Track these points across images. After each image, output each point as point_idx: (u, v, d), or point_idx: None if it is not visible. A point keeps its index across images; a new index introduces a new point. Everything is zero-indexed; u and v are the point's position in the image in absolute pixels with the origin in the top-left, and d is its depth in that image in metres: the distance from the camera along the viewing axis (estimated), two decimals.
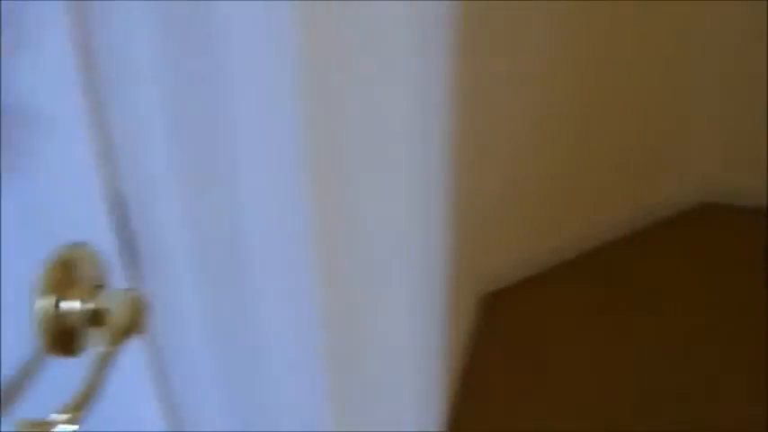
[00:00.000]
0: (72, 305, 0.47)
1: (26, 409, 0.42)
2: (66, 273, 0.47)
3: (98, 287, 0.48)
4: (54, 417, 0.40)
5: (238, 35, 0.48)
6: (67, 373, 0.44)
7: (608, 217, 2.48)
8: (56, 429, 0.40)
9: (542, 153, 2.28)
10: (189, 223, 0.51)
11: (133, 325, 0.47)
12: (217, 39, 0.48)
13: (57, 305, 0.47)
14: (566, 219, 2.41)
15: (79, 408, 0.40)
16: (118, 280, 0.50)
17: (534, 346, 2.11)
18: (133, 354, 0.52)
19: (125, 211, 0.51)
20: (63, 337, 0.48)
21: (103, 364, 0.43)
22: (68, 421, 0.39)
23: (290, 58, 0.51)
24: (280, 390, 0.63)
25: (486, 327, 2.18)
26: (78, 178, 0.49)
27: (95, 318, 0.47)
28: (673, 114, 2.49)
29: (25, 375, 0.43)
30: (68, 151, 0.48)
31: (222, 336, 0.55)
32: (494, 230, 2.25)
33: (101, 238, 0.50)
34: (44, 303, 0.45)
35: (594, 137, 2.36)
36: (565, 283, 2.35)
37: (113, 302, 0.47)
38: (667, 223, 2.59)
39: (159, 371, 0.52)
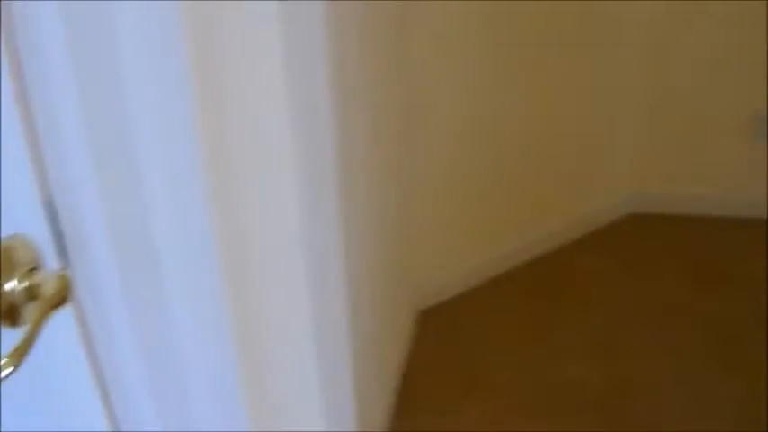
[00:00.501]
0: (13, 284, 0.61)
1: None
2: (8, 258, 0.60)
3: (33, 269, 0.62)
4: None
5: (131, 34, 0.60)
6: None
7: (540, 229, 2.56)
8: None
9: (475, 166, 2.34)
10: (106, 217, 0.65)
11: (61, 298, 0.61)
12: (112, 36, 0.60)
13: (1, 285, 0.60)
14: (499, 232, 2.48)
15: (16, 355, 0.53)
16: (50, 263, 0.64)
17: (467, 362, 2.18)
18: (64, 323, 0.65)
19: (53, 206, 0.64)
20: (8, 311, 0.61)
21: (37, 326, 0.57)
22: (7, 364, 0.53)
23: (182, 59, 0.63)
24: (191, 365, 0.76)
25: (420, 343, 2.25)
26: (14, 177, 0.62)
27: (31, 293, 0.61)
28: (596, 127, 2.57)
29: None
30: (5, 152, 0.61)
31: (138, 308, 0.69)
32: (428, 245, 2.33)
33: (35, 229, 0.63)
34: None
35: (529, 148, 2.42)
36: (499, 296, 2.42)
37: (45, 280, 0.61)
38: (597, 234, 2.69)
39: (84, 336, 0.66)
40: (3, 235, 0.61)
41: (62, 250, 0.65)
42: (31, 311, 0.60)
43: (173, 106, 0.63)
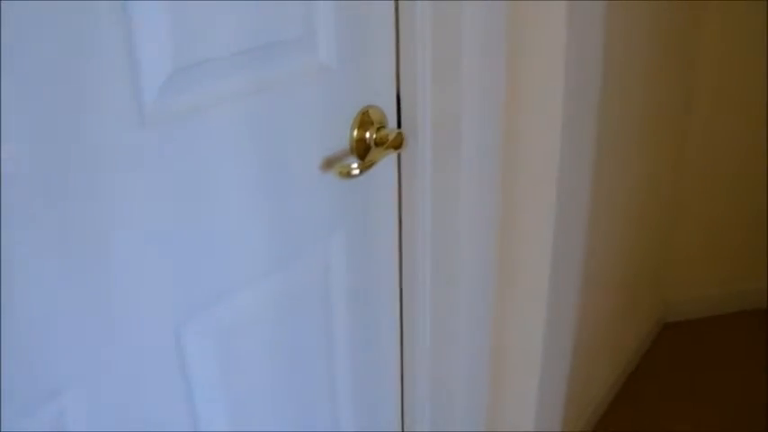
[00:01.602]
0: (369, 133, 0.94)
1: None
2: (367, 117, 0.94)
3: (381, 127, 0.95)
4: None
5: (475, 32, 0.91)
6: None
7: None
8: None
9: (751, 192, 2.33)
10: (427, 110, 0.98)
11: (398, 144, 0.93)
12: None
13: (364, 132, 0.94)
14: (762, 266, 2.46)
15: (363, 166, 0.87)
16: (392, 125, 0.97)
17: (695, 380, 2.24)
18: (390, 164, 0.99)
19: (399, 94, 0.98)
20: (362, 149, 0.95)
21: (379, 157, 0.91)
22: (357, 168, 0.87)
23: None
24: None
25: (657, 352, 2.36)
26: (381, 77, 0.96)
27: (378, 140, 0.94)
28: None
29: None
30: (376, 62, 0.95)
31: (438, 174, 1.02)
32: (687, 260, 2.39)
33: (387, 105, 0.97)
34: None
35: None
36: (747, 329, 2.43)
37: (388, 134, 0.94)
38: None
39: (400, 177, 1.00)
40: (364, 104, 0.95)
41: (399, 122, 0.98)
42: (375, 151, 0.94)
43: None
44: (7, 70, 0.58)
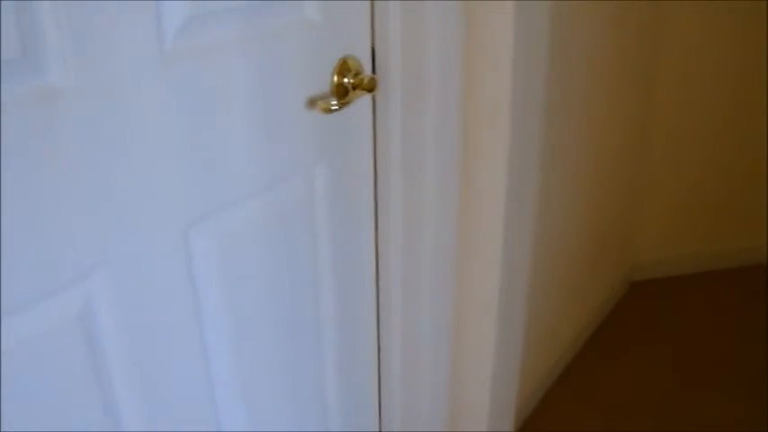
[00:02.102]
0: (347, 79, 1.12)
1: None
2: (346, 65, 1.12)
3: (358, 73, 1.13)
4: None
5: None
6: None
7: None
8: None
9: (715, 156, 2.46)
10: (399, 62, 1.16)
11: (371, 87, 1.12)
12: None
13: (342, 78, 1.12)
14: (727, 228, 2.60)
15: (342, 104, 1.05)
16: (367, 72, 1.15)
17: (661, 339, 2.38)
18: (365, 103, 1.17)
19: (374, 47, 1.16)
20: (341, 92, 1.13)
21: (355, 97, 1.09)
22: (336, 106, 1.05)
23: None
24: None
25: (624, 309, 2.51)
26: (359, 30, 1.14)
27: (354, 84, 1.12)
28: None
29: None
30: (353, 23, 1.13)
31: (408, 119, 1.20)
32: (653, 219, 2.53)
33: (363, 55, 1.15)
34: None
35: None
36: (710, 290, 2.56)
37: (363, 78, 1.12)
38: None
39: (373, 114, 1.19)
40: (343, 54, 1.13)
41: (373, 69, 1.17)
42: (352, 93, 1.12)
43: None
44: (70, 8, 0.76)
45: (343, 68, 1.12)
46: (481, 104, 1.27)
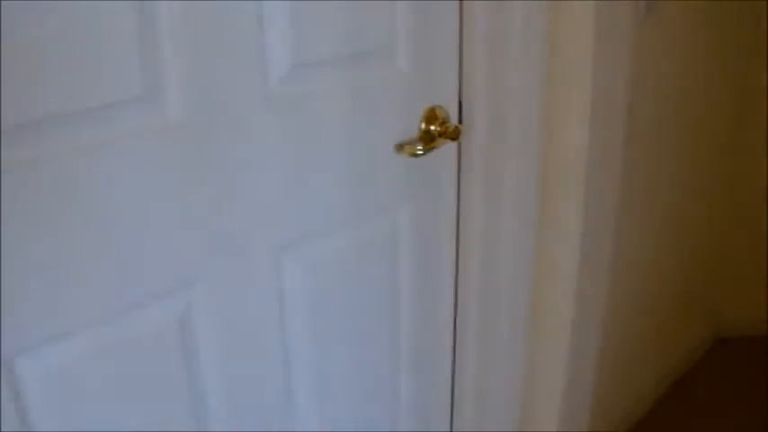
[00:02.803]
0: (434, 126, 1.21)
1: None
2: (433, 113, 1.21)
3: (444, 122, 1.22)
4: None
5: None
6: None
7: None
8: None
9: None
10: (485, 113, 1.24)
11: (455, 135, 1.20)
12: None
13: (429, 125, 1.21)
14: None
15: (427, 149, 1.14)
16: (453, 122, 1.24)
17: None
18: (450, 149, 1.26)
19: (461, 100, 1.25)
20: (427, 138, 1.21)
21: (440, 144, 1.18)
22: (422, 150, 1.14)
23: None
24: None
25: (706, 366, 2.42)
26: (449, 82, 1.23)
27: (441, 132, 1.21)
28: None
29: None
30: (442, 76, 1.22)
31: (490, 167, 1.29)
32: (741, 275, 2.43)
33: (451, 105, 1.24)
34: None
35: None
36: None
37: (449, 127, 1.21)
38: None
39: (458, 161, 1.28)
40: (432, 103, 1.22)
41: (460, 119, 1.25)
42: (438, 140, 1.21)
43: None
44: (190, 52, 0.88)
45: (431, 116, 1.21)
46: (559, 154, 1.34)
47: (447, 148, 1.26)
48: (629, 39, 1.37)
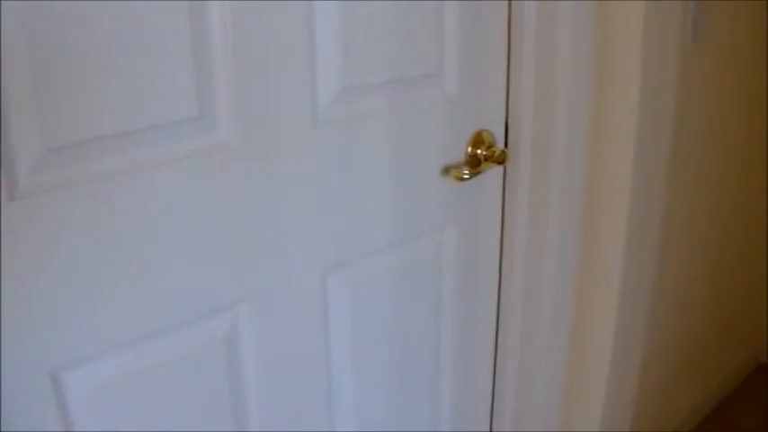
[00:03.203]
0: (480, 150, 1.22)
1: None
2: (480, 137, 1.22)
3: (491, 146, 1.22)
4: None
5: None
6: None
7: None
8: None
9: None
10: (531, 138, 1.24)
11: (501, 159, 1.20)
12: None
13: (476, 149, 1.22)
14: None
15: (474, 173, 1.15)
16: (499, 145, 1.24)
17: None
18: (497, 174, 1.27)
19: (507, 123, 1.25)
20: (474, 162, 1.22)
21: (487, 168, 1.18)
22: (469, 175, 1.15)
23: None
24: None
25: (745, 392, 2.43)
26: (495, 104, 1.23)
27: (487, 156, 1.21)
28: None
29: None
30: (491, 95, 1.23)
31: (534, 188, 1.30)
32: None
33: (497, 129, 1.24)
34: None
35: None
36: None
37: (495, 151, 1.21)
38: None
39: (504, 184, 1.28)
40: (479, 127, 1.22)
41: (506, 143, 1.26)
42: (484, 164, 1.21)
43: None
44: (242, 74, 0.90)
45: (478, 140, 1.22)
46: (603, 181, 1.33)
47: (493, 172, 1.27)
48: (676, 65, 1.37)
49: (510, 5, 1.20)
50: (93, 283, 0.86)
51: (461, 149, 1.22)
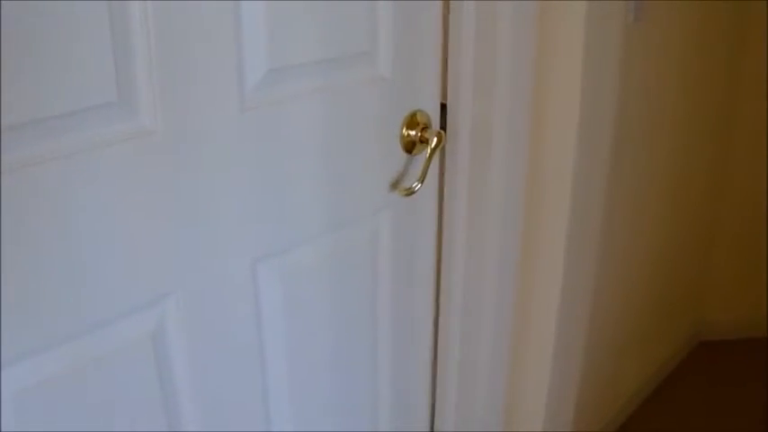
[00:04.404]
0: (413, 132, 1.18)
1: None
2: (414, 118, 1.18)
3: (425, 127, 1.19)
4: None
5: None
6: None
7: None
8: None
9: None
10: (469, 119, 1.22)
11: (439, 143, 1.17)
12: None
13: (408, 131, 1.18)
14: None
15: (422, 176, 1.13)
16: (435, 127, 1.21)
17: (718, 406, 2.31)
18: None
19: (444, 103, 1.22)
20: (408, 145, 1.19)
21: (428, 160, 1.15)
22: (417, 182, 1.12)
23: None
24: None
25: (686, 370, 2.45)
26: (430, 88, 1.20)
27: (421, 138, 1.18)
28: None
29: None
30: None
31: (471, 170, 1.27)
32: (726, 276, 2.47)
33: (432, 110, 1.21)
34: None
35: None
36: None
37: (431, 133, 1.18)
38: None
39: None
40: (413, 109, 1.19)
41: (443, 125, 1.22)
42: (419, 146, 1.18)
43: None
44: (163, 56, 0.85)
45: (413, 122, 1.19)
46: (545, 164, 1.31)
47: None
48: (618, 44, 1.35)
49: None
50: (9, 281, 0.80)
51: (395, 132, 1.18)
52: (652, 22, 1.63)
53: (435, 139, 1.17)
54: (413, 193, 1.15)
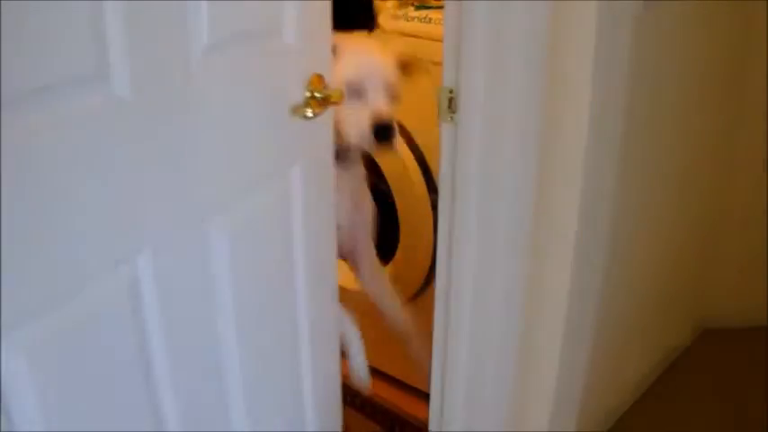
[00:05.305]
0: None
1: None
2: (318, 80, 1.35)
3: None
4: None
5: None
6: None
7: None
8: None
9: None
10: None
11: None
12: None
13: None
14: None
15: (321, 110, 1.33)
16: None
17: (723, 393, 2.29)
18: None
19: None
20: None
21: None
22: (314, 112, 1.34)
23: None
24: None
25: (689, 357, 2.44)
26: None
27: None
28: None
29: None
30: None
31: None
32: (732, 265, 2.45)
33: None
34: None
35: None
36: None
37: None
38: None
39: None
40: (312, 72, 1.34)
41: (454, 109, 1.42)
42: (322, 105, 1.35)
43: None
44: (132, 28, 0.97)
45: (313, 82, 1.35)
46: (556, 149, 1.44)
47: (328, 113, 1.40)
48: (629, 35, 1.43)
49: None
50: None
51: (300, 91, 1.33)
52: (662, 14, 1.67)
53: (332, 94, 1.35)
54: (306, 117, 1.31)
